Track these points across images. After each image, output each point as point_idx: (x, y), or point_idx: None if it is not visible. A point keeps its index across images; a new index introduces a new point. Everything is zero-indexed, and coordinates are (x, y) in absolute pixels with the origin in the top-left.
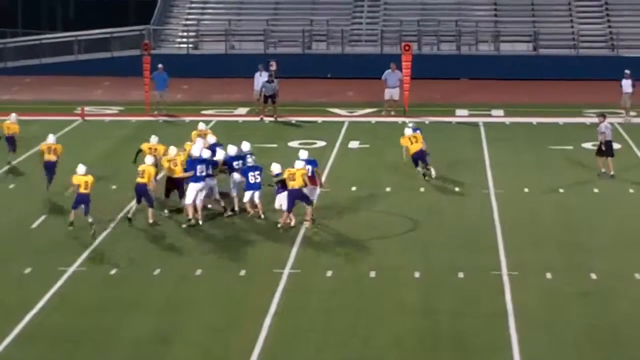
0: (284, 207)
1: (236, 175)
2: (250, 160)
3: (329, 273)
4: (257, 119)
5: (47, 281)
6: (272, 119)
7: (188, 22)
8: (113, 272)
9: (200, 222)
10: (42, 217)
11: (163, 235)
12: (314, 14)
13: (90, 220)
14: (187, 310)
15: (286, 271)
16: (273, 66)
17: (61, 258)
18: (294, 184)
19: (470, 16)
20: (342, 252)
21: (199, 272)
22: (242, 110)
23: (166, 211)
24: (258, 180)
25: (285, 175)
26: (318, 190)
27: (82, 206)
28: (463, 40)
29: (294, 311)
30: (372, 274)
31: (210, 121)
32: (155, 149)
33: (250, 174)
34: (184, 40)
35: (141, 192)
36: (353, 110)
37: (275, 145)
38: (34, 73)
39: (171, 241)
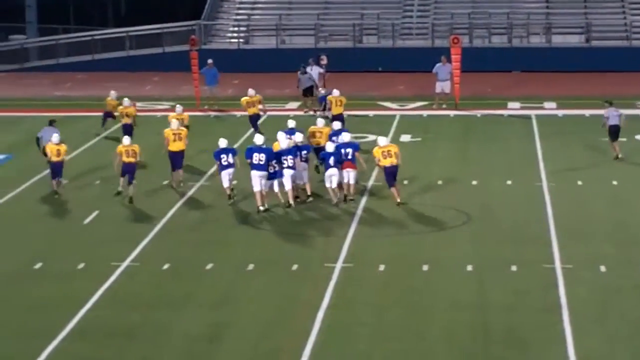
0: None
1: (302, 164)
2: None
3: (381, 267)
4: (311, 112)
5: (100, 277)
6: (312, 112)
7: (239, 17)
8: (165, 267)
9: (262, 208)
10: (95, 213)
11: (215, 230)
12: (364, 8)
13: (132, 189)
14: (239, 305)
15: (338, 265)
16: (324, 60)
17: (114, 253)
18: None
19: (522, 8)
20: (394, 246)
21: (251, 267)
22: (293, 105)
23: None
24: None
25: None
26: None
27: (127, 175)
28: (514, 33)
29: (345, 305)
30: (424, 267)
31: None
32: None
33: (283, 157)
34: (235, 35)
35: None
36: (404, 104)
37: None
38: (86, 69)
39: (223, 236)
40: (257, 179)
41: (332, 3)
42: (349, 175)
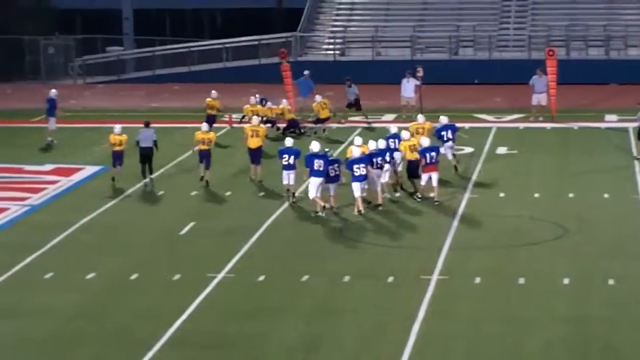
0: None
1: (374, 170)
2: (328, 155)
3: (477, 279)
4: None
5: (196, 287)
6: (365, 124)
7: (335, 29)
8: (261, 278)
9: (324, 208)
10: (191, 224)
11: (311, 241)
12: (460, 20)
13: (208, 173)
14: (335, 316)
15: (434, 277)
16: (420, 72)
17: (210, 264)
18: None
19: (620, 20)
20: (490, 258)
21: (346, 278)
22: (390, 117)
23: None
24: (338, 173)
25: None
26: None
27: (204, 161)
28: (612, 45)
29: (442, 318)
30: (521, 280)
31: (356, 128)
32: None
33: (330, 167)
34: (331, 47)
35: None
36: (500, 116)
37: None
38: (182, 80)
39: (319, 248)
40: (315, 186)
41: (429, 15)
42: (433, 177)
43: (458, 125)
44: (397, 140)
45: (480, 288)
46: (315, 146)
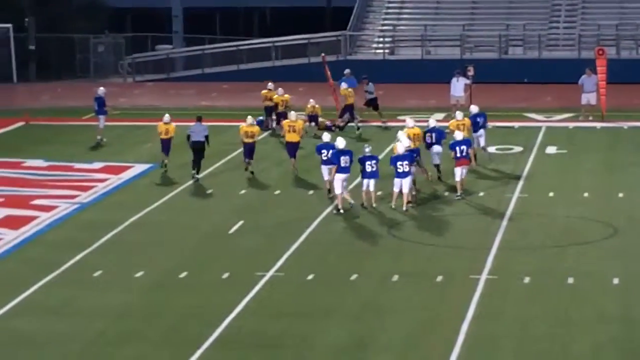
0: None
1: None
2: (367, 151)
3: (526, 279)
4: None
5: (245, 286)
6: (380, 124)
7: (384, 28)
8: (310, 277)
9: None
10: (240, 223)
11: (360, 240)
12: (510, 19)
13: (251, 164)
14: (383, 316)
15: (483, 277)
16: (471, 71)
17: (259, 263)
18: None
19: None
20: (539, 258)
21: (395, 277)
22: (439, 116)
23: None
24: (374, 169)
25: None
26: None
27: (248, 153)
28: None
29: (490, 317)
30: (570, 280)
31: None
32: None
33: (367, 162)
34: (380, 45)
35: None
36: (550, 115)
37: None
38: (231, 79)
39: (368, 246)
40: (340, 182)
41: (478, 14)
42: (463, 171)
43: (505, 124)
44: (433, 134)
45: (529, 288)
46: (340, 143)
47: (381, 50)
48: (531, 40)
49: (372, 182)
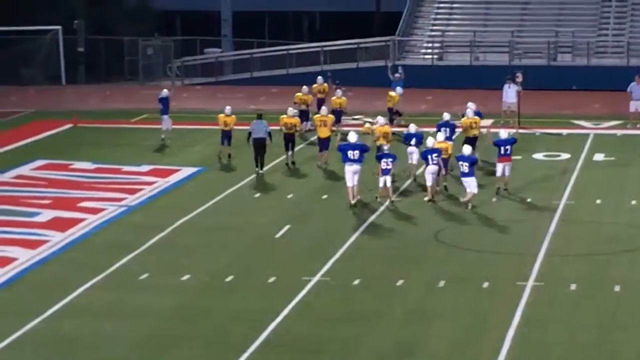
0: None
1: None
2: (385, 149)
3: (573, 286)
4: (513, 130)
5: (291, 290)
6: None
7: (433, 33)
8: (356, 282)
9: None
10: (286, 227)
11: (406, 246)
12: (559, 26)
13: (292, 154)
14: (429, 322)
15: (529, 284)
16: (519, 77)
17: (305, 267)
18: None
19: None
20: (586, 265)
21: (441, 283)
22: (486, 122)
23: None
24: (389, 167)
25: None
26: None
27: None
28: None
29: (537, 325)
30: (617, 288)
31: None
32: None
33: (384, 160)
34: (429, 51)
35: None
36: (598, 123)
37: (519, 157)
38: (280, 83)
39: (414, 252)
40: (350, 174)
41: (528, 20)
42: (505, 168)
43: (553, 131)
44: (448, 129)
45: (576, 295)
46: (352, 137)
47: (430, 56)
48: (580, 47)
49: (388, 178)
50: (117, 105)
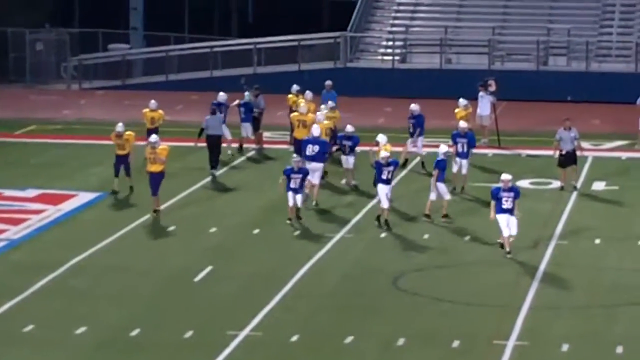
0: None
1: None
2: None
3: (565, 347)
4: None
5: (212, 348)
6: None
7: (394, 29)
8: (294, 338)
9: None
10: (208, 268)
11: (359, 292)
12: (552, 22)
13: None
14: None
15: (510, 343)
16: (492, 86)
17: (231, 319)
18: None
19: None
20: (582, 320)
21: (401, 341)
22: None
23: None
24: (390, 177)
25: None
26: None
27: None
28: None
29: None
30: (619, 349)
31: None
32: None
33: (386, 169)
34: (389, 51)
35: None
36: (599, 143)
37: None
38: (202, 88)
39: (368, 300)
40: (310, 172)
41: (512, 15)
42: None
43: (542, 152)
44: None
45: (569, 358)
46: (315, 130)
47: (390, 57)
48: (577, 48)
49: (388, 187)
50: None
